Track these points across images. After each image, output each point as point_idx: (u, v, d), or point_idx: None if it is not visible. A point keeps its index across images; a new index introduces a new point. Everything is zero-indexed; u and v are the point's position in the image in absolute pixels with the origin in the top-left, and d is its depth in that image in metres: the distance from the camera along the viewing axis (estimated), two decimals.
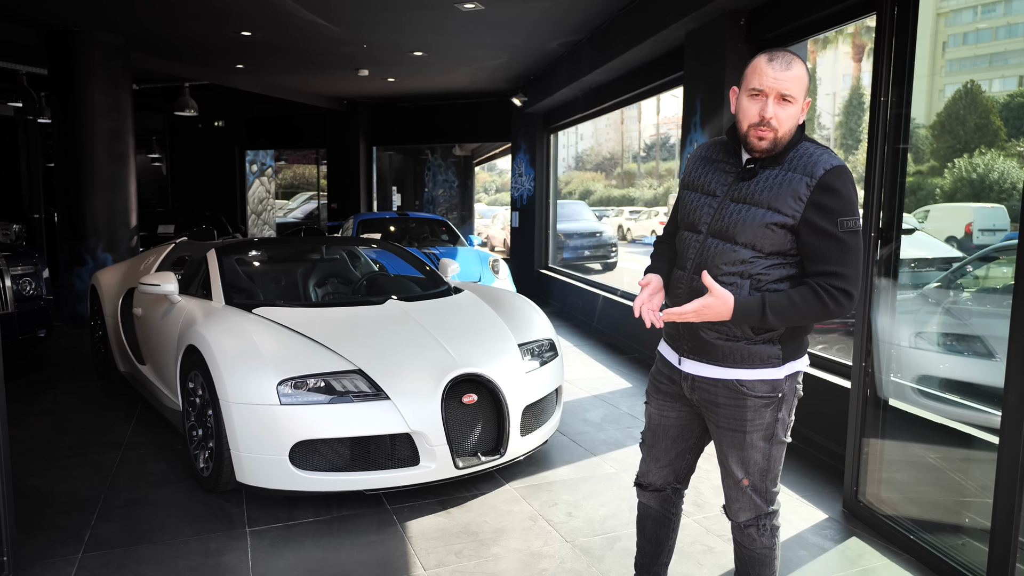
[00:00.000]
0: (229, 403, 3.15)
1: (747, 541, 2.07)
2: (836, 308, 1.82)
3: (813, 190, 1.81)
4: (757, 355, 1.91)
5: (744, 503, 2.04)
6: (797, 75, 1.83)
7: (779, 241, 1.85)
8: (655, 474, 2.21)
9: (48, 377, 5.57)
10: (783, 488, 3.49)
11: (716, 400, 1.97)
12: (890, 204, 3.06)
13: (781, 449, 2.00)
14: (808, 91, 1.88)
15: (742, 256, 1.87)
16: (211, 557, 2.84)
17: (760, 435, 1.95)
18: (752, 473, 2.00)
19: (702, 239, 1.94)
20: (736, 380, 1.93)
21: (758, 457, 1.98)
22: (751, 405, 1.93)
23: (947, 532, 2.89)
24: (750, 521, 2.04)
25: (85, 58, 7.21)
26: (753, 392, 1.92)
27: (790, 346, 1.93)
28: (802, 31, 4.34)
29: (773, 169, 1.87)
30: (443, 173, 18.23)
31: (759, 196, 1.86)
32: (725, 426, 1.98)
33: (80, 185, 7.32)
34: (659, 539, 2.30)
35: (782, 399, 1.94)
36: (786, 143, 1.87)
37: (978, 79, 27.32)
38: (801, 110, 1.87)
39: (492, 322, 3.91)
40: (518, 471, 3.71)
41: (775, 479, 2.03)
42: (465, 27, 6.80)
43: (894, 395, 3.25)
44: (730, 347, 1.91)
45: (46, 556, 2.83)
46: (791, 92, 1.83)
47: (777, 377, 1.93)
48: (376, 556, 2.86)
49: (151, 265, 5.02)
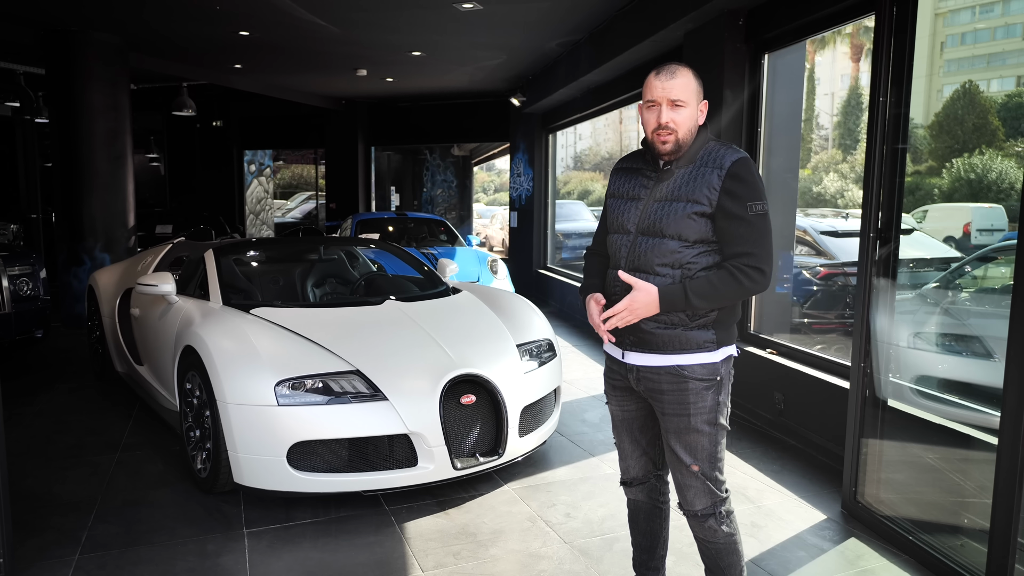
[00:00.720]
0: (227, 404, 3.14)
1: (709, 535, 2.14)
2: (751, 285, 1.99)
3: (724, 179, 2.00)
4: (694, 340, 2.05)
5: (698, 489, 2.11)
6: (682, 81, 2.03)
7: (701, 229, 2.02)
8: (635, 467, 2.30)
9: (45, 378, 5.55)
10: (782, 489, 3.49)
11: (660, 387, 2.09)
12: (889, 204, 3.05)
13: (723, 435, 2.12)
14: (700, 94, 2.06)
15: (670, 247, 2.03)
16: (208, 559, 2.83)
17: (703, 419, 2.07)
18: (701, 459, 2.09)
19: (632, 238, 2.11)
20: (677, 365, 2.06)
21: (704, 442, 2.08)
22: (693, 388, 2.06)
23: (946, 533, 2.89)
24: (707, 510, 2.11)
25: (83, 58, 7.20)
26: (693, 375, 2.06)
27: (723, 331, 2.08)
28: (801, 31, 4.34)
29: (687, 168, 2.06)
30: (442, 173, 18.23)
31: (679, 192, 2.04)
32: (670, 412, 2.09)
33: (78, 185, 7.30)
34: (652, 531, 2.36)
35: (720, 382, 2.09)
36: (692, 143, 2.07)
37: (976, 79, 27.36)
38: (699, 111, 2.06)
39: (491, 323, 3.90)
40: (516, 472, 3.71)
41: (721, 468, 2.13)
42: (463, 27, 6.79)
43: (893, 395, 3.25)
44: (668, 335, 2.05)
45: (43, 557, 2.82)
46: (680, 96, 2.02)
47: (714, 360, 2.07)
48: (374, 557, 2.86)
49: (149, 265, 5.01)
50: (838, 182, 25.09)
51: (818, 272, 6.65)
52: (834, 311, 6.59)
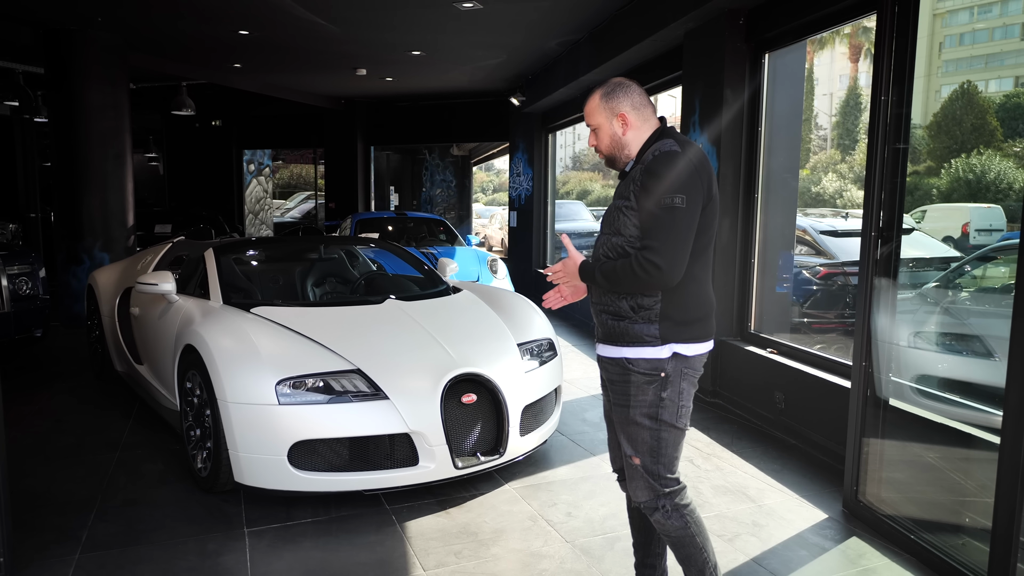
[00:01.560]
0: (227, 403, 3.14)
1: (659, 526, 2.20)
2: (644, 276, 2.02)
3: (642, 174, 2.08)
4: (637, 334, 2.10)
5: (639, 483, 2.17)
6: (588, 108, 2.21)
7: (634, 226, 2.09)
8: (616, 459, 2.37)
9: (45, 377, 5.54)
10: (783, 489, 3.49)
11: (612, 377, 2.19)
12: (891, 204, 3.05)
13: (674, 434, 2.14)
14: (611, 109, 2.16)
15: (614, 243, 2.13)
16: (209, 558, 2.83)
17: (642, 412, 2.12)
18: (641, 452, 2.14)
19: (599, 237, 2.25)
20: (624, 358, 2.14)
21: (645, 435, 2.13)
22: (634, 381, 2.12)
23: (947, 532, 2.89)
24: (650, 503, 2.16)
25: (82, 57, 7.18)
26: (636, 368, 2.12)
27: (669, 327, 2.10)
28: (801, 30, 4.34)
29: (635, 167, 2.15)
30: (441, 173, 18.22)
31: (621, 190, 2.16)
32: (616, 402, 2.18)
33: (77, 184, 7.29)
34: (645, 527, 2.38)
35: (665, 379, 2.11)
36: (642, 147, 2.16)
37: (975, 79, 27.41)
38: (616, 125, 2.17)
39: (491, 322, 3.90)
40: (517, 471, 3.70)
41: (669, 464, 2.15)
42: (463, 26, 6.78)
43: (894, 395, 3.25)
44: (618, 327, 2.13)
45: (43, 557, 2.81)
46: (590, 121, 2.22)
47: (658, 356, 2.10)
48: (375, 557, 2.85)
49: (148, 264, 5.00)
50: (836, 182, 25.12)
51: (818, 272, 6.66)
52: (834, 311, 6.59)
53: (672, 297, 2.09)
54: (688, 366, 2.13)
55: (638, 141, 2.17)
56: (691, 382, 2.15)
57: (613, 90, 2.18)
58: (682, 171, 2.03)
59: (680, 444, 2.17)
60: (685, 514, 2.16)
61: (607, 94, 2.18)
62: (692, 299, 2.11)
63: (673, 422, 2.12)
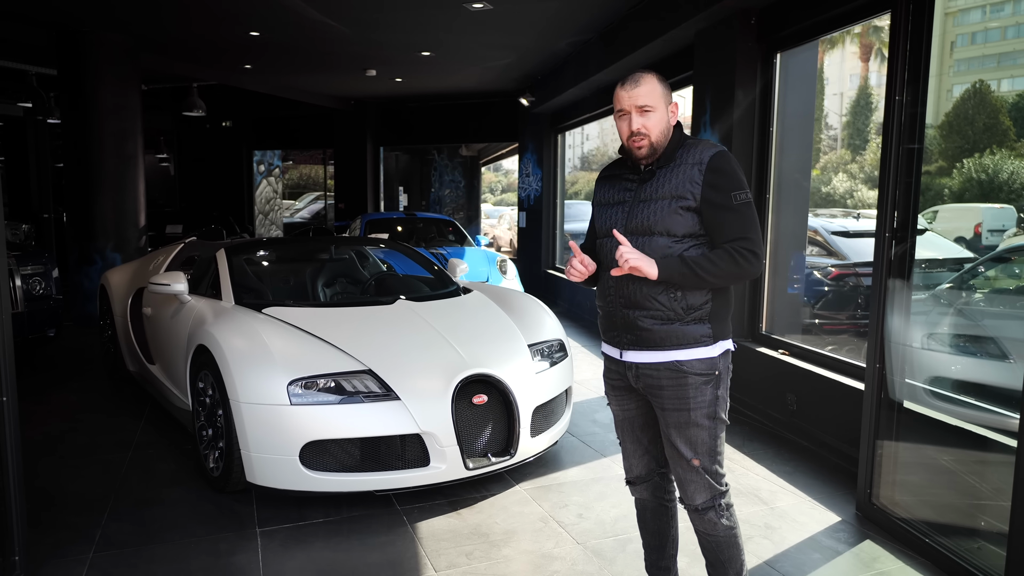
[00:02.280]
0: (239, 403, 3.15)
1: (709, 527, 2.16)
2: (747, 266, 2.03)
3: (704, 173, 2.05)
4: (690, 335, 2.08)
5: (699, 484, 2.13)
6: (646, 88, 2.08)
7: (688, 223, 2.06)
8: (637, 466, 2.33)
9: (57, 376, 5.58)
10: (796, 491, 3.47)
11: (660, 383, 2.12)
12: (905, 204, 3.03)
13: (722, 428, 2.15)
14: (667, 97, 2.11)
15: (659, 243, 2.07)
16: (222, 557, 2.84)
17: (703, 413, 2.10)
18: (701, 453, 2.12)
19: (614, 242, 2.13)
20: (676, 361, 2.09)
21: (704, 436, 2.11)
22: (692, 383, 2.09)
23: (963, 535, 2.86)
24: (707, 503, 2.14)
25: (94, 58, 7.23)
26: (692, 370, 2.09)
27: (718, 325, 2.11)
28: (813, 30, 4.31)
29: (668, 167, 2.10)
30: (449, 173, 18.24)
31: (662, 190, 2.09)
32: (670, 407, 2.12)
33: (89, 185, 7.34)
34: (661, 530, 2.38)
35: (719, 376, 2.12)
36: (668, 144, 2.11)
37: (987, 79, 27.17)
38: (669, 113, 2.11)
39: (502, 322, 3.89)
40: (528, 472, 3.70)
41: (721, 461, 2.15)
42: (473, 27, 6.78)
43: (907, 397, 3.22)
44: (666, 330, 2.09)
45: (57, 556, 2.83)
46: (646, 102, 2.08)
47: (712, 355, 2.10)
48: (387, 557, 2.85)
49: (160, 265, 5.02)
50: (847, 182, 24.98)
51: (829, 272, 6.62)
52: (845, 312, 6.55)
53: (719, 295, 2.11)
54: (730, 361, 2.16)
55: (672, 137, 2.13)
56: (731, 374, 2.19)
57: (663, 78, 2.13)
58: (739, 167, 2.10)
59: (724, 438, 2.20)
60: (733, 514, 2.17)
61: (661, 80, 2.11)
62: (730, 295, 2.17)
63: (725, 418, 2.14)
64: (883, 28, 26.15)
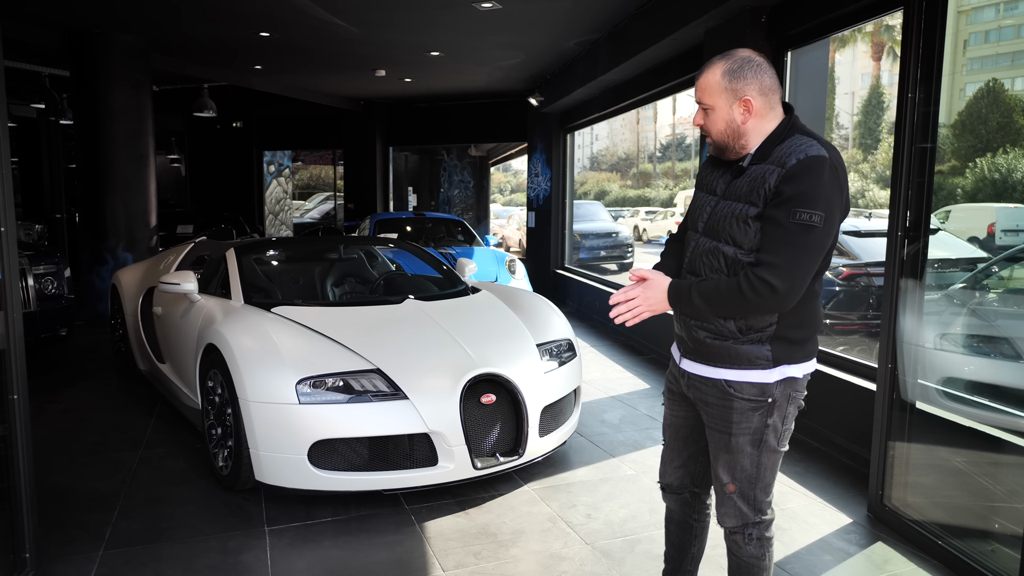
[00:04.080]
0: (248, 402, 3.16)
1: (734, 548, 2.04)
2: (755, 298, 1.75)
3: (780, 179, 1.78)
4: (745, 355, 1.87)
5: (729, 509, 1.99)
6: (703, 83, 1.88)
7: (754, 235, 1.81)
8: (671, 474, 2.21)
9: (69, 375, 5.62)
10: (807, 492, 3.44)
11: (707, 399, 1.97)
12: (918, 203, 3.00)
13: (774, 458, 1.95)
14: (731, 91, 1.84)
15: (725, 252, 1.86)
16: (230, 556, 2.84)
17: (747, 439, 1.91)
18: (739, 479, 1.95)
19: (697, 238, 1.97)
20: (724, 380, 1.91)
21: (745, 463, 1.93)
22: (737, 407, 1.90)
23: (976, 538, 2.83)
24: (736, 528, 2.00)
25: (106, 59, 7.28)
26: (740, 394, 1.89)
27: (782, 348, 1.87)
28: (825, 27, 4.28)
29: (759, 165, 1.85)
30: (459, 174, 18.25)
31: (740, 191, 1.86)
32: (713, 427, 1.97)
33: (101, 185, 7.39)
34: (681, 544, 2.28)
35: (772, 404, 1.89)
36: (767, 139, 1.85)
37: (1000, 77, 26.89)
38: (735, 110, 1.85)
39: (510, 322, 3.89)
40: (536, 472, 3.69)
41: (766, 488, 1.97)
42: (482, 26, 6.78)
43: (920, 398, 3.19)
44: (719, 346, 1.89)
45: (67, 553, 2.84)
46: (704, 100, 1.89)
47: (766, 380, 1.87)
48: (395, 556, 2.85)
49: (171, 264, 5.04)
50: (858, 182, 24.81)
51: (840, 273, 6.57)
52: (857, 312, 6.50)
53: (791, 317, 1.84)
54: (796, 388, 1.91)
55: (759, 132, 1.86)
56: (797, 404, 1.93)
57: (740, 68, 1.83)
58: (827, 183, 1.75)
59: (778, 466, 1.97)
60: (765, 546, 2.01)
61: (732, 72, 1.83)
62: (810, 317, 1.89)
63: (776, 447, 1.92)
64: (895, 27, 25.97)
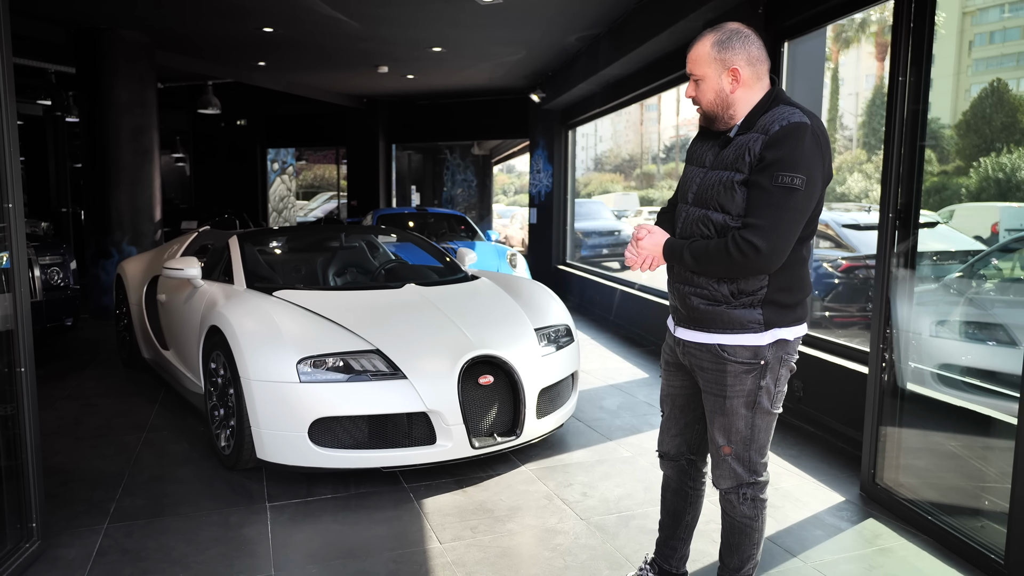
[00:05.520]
0: (250, 381, 3.21)
1: (728, 507, 2.10)
2: (741, 259, 1.82)
3: (764, 145, 1.85)
4: (738, 320, 1.94)
5: (724, 471, 2.06)
6: (693, 54, 1.96)
7: (742, 201, 1.88)
8: (668, 442, 2.28)
9: (74, 364, 5.69)
10: (800, 473, 3.48)
11: (702, 364, 2.03)
12: (909, 176, 3.05)
13: (768, 419, 2.02)
14: (721, 61, 1.92)
15: (714, 220, 1.93)
16: (232, 529, 2.90)
17: (741, 401, 1.98)
18: (734, 441, 2.02)
19: (687, 208, 2.04)
20: (718, 344, 1.98)
21: (740, 424, 2.00)
22: (731, 370, 1.97)
23: (966, 515, 2.87)
24: (731, 489, 2.07)
25: (111, 55, 7.36)
26: (734, 357, 1.96)
27: (773, 312, 1.94)
28: (822, 17, 4.32)
29: (745, 134, 1.92)
30: (461, 172, 18.32)
31: (727, 160, 1.93)
32: (709, 390, 2.04)
33: (106, 180, 7.47)
34: (676, 512, 2.34)
35: (765, 366, 1.96)
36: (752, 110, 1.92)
37: (1005, 78, 26.83)
38: (723, 80, 1.92)
39: (508, 307, 3.94)
40: (533, 453, 3.74)
41: (761, 449, 2.04)
42: (483, 21, 6.84)
43: (912, 382, 3.23)
44: (712, 311, 1.96)
45: (73, 526, 2.90)
46: (695, 71, 1.97)
47: (759, 343, 1.95)
48: (393, 530, 2.90)
49: (174, 253, 5.11)
50: (862, 182, 24.80)
51: (839, 265, 6.60)
52: (856, 304, 6.53)
53: (780, 281, 1.92)
54: (787, 351, 1.99)
55: (747, 102, 1.93)
56: (789, 366, 2.01)
57: (729, 39, 1.91)
58: (809, 148, 1.82)
59: (772, 427, 2.04)
60: (759, 507, 2.08)
61: (721, 43, 1.91)
62: (798, 282, 1.96)
63: (769, 408, 2.00)
64: None
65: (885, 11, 3.71)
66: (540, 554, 2.72)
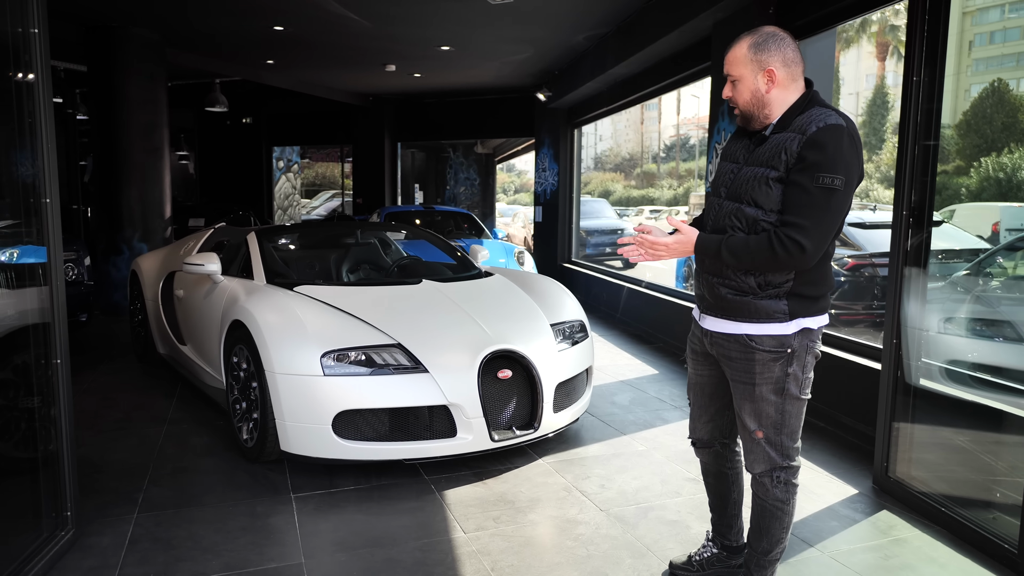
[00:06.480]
0: (275, 374, 3.27)
1: (761, 491, 2.17)
2: (784, 256, 1.91)
3: (802, 145, 1.93)
4: (764, 310, 2.02)
5: (759, 455, 2.13)
6: (731, 56, 2.07)
7: (778, 199, 1.97)
8: (700, 429, 2.37)
9: (89, 360, 5.73)
10: (813, 466, 3.54)
11: (729, 354, 2.11)
12: (923, 175, 3.10)
13: (797, 405, 2.09)
14: (758, 63, 2.02)
15: (748, 214, 2.01)
16: (259, 519, 2.96)
17: (770, 388, 2.06)
18: (765, 425, 2.09)
19: (720, 202, 2.11)
20: (745, 335, 2.06)
21: (770, 410, 2.08)
22: (759, 359, 2.05)
23: (978, 507, 2.93)
24: (764, 472, 2.14)
25: (122, 53, 7.41)
26: (761, 346, 2.04)
27: (798, 302, 2.02)
28: (832, 18, 4.38)
29: (781, 133, 2.01)
30: (465, 171, 18.37)
31: (762, 157, 2.02)
32: (737, 379, 2.11)
33: (117, 176, 7.52)
34: (721, 493, 2.43)
35: (791, 354, 2.04)
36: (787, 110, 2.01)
37: (1005, 78, 26.89)
38: (760, 80, 2.02)
39: (524, 303, 4.00)
40: (550, 447, 3.80)
41: (792, 434, 2.12)
42: (493, 20, 6.89)
43: (924, 378, 3.29)
44: (739, 302, 2.04)
45: (104, 516, 2.96)
46: (730, 71, 2.08)
47: (785, 332, 2.03)
48: (417, 520, 2.96)
49: (192, 249, 5.16)
50: (863, 182, 24.84)
51: (846, 263, 6.66)
52: (862, 302, 6.59)
53: (806, 275, 2.01)
54: (812, 338, 2.07)
55: (782, 103, 2.02)
56: (814, 353, 2.09)
57: (764, 41, 2.01)
58: (846, 150, 1.91)
59: (803, 413, 2.11)
60: (791, 491, 2.14)
61: (757, 45, 2.01)
62: (823, 276, 2.05)
63: (798, 395, 2.07)
64: (900, 27, 25.98)
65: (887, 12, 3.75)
66: (563, 543, 2.78)
